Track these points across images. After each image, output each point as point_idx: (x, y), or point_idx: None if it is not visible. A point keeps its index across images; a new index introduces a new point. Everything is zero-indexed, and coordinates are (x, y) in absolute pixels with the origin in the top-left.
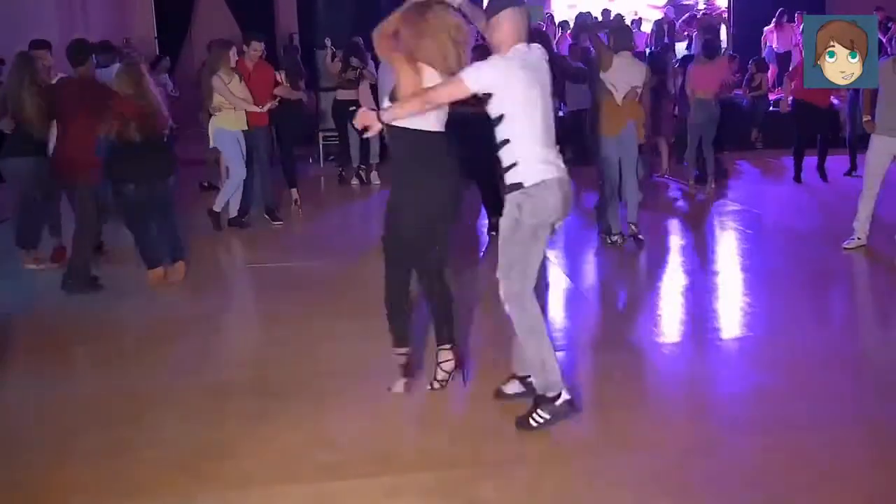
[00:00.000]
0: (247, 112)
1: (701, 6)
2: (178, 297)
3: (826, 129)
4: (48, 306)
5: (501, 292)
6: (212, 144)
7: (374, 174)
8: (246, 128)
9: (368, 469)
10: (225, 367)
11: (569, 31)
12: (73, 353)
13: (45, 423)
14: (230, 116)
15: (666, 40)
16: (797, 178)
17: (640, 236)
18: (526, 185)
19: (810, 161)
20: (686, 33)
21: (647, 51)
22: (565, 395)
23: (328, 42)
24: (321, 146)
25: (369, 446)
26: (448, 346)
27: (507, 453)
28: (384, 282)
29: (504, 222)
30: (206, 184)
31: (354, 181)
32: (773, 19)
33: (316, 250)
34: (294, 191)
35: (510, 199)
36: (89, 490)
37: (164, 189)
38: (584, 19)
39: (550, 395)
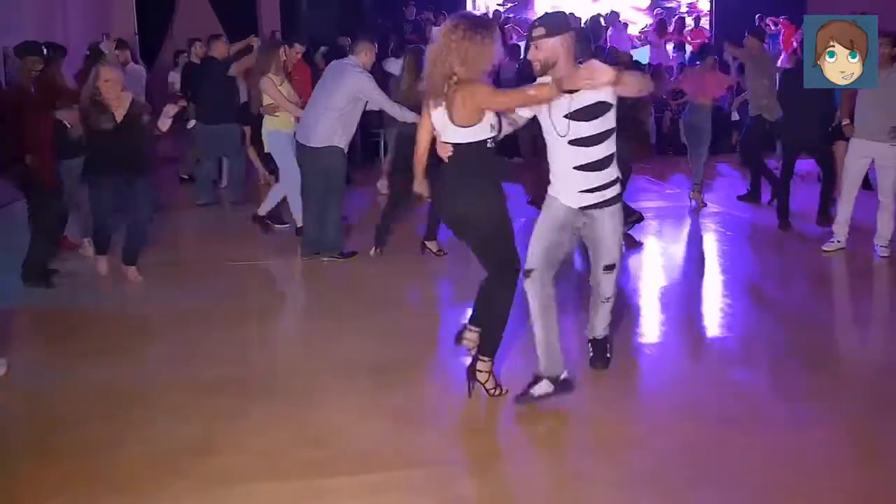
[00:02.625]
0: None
1: (683, 8)
2: (164, 293)
3: None
4: (32, 301)
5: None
6: (266, 149)
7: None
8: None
9: (354, 466)
10: (211, 364)
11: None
12: (57, 348)
13: (29, 419)
14: (286, 117)
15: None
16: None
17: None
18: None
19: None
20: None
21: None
22: (564, 375)
23: (323, 50)
24: None
25: (355, 443)
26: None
27: (494, 451)
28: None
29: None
30: (185, 176)
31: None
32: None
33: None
34: None
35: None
36: (73, 486)
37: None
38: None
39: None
